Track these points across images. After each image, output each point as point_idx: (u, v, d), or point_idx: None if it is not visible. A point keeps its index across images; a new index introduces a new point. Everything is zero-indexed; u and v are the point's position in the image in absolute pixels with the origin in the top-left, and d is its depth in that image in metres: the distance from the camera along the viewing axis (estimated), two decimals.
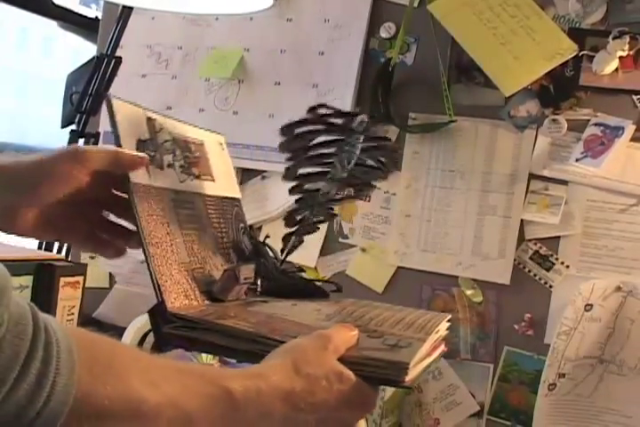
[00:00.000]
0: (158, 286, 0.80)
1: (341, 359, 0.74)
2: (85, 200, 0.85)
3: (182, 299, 0.83)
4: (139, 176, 0.85)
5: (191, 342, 0.79)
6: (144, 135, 0.90)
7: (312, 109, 1.00)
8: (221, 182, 1.05)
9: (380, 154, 1.04)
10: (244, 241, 1.00)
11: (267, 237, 1.01)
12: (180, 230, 0.89)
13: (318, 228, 1.04)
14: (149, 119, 0.93)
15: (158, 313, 0.80)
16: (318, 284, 1.03)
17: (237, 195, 1.10)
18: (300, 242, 1.03)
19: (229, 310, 0.85)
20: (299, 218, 1.03)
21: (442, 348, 0.92)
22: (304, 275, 1.06)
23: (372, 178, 1.06)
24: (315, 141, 1.01)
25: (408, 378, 0.72)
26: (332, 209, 1.04)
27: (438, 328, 0.86)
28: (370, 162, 1.04)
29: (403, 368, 0.72)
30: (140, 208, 0.83)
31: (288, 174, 1.01)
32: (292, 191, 1.03)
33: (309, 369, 0.71)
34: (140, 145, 0.88)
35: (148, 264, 0.81)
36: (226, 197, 1.06)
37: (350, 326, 0.79)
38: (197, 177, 0.98)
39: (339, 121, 1.01)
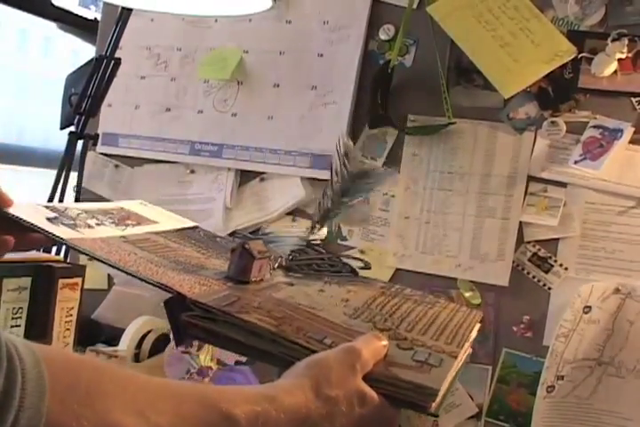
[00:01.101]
0: (163, 285, 0.76)
1: (368, 375, 0.70)
2: None
3: (199, 287, 0.79)
4: (69, 234, 0.83)
5: (210, 334, 0.74)
6: (50, 214, 0.88)
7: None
8: (167, 222, 1.02)
9: None
10: (241, 242, 0.96)
11: (264, 228, 1.00)
12: (152, 254, 0.86)
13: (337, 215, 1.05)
14: (47, 206, 0.91)
15: (176, 303, 0.75)
16: (346, 260, 1.00)
17: (193, 224, 1.07)
18: (322, 224, 1.03)
19: (254, 297, 0.81)
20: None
21: (469, 350, 0.87)
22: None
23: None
24: None
25: (435, 404, 0.70)
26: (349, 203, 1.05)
27: (470, 335, 0.83)
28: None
29: (431, 394, 0.69)
30: (92, 249, 0.81)
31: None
32: None
33: (331, 392, 0.66)
34: (53, 221, 0.86)
35: (141, 279, 0.78)
36: (183, 228, 1.03)
37: (380, 336, 0.74)
38: (137, 224, 0.96)
39: None
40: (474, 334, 0.89)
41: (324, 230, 1.06)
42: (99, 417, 0.53)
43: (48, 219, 0.86)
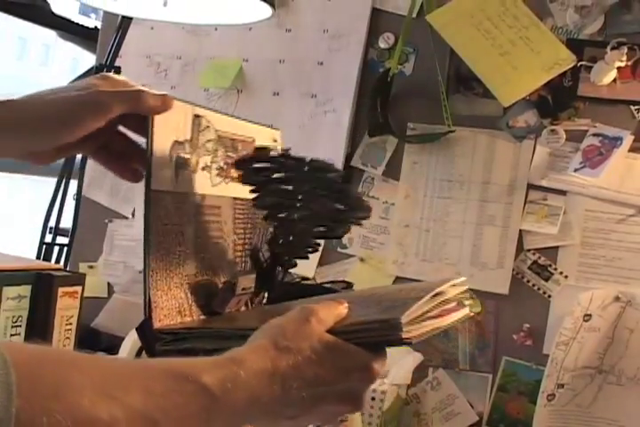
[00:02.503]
0: (149, 301, 0.77)
1: (330, 331, 0.69)
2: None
3: (174, 315, 0.80)
4: (163, 182, 0.82)
5: (184, 353, 0.75)
6: (184, 135, 0.86)
7: (261, 149, 0.96)
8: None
9: (338, 200, 0.98)
10: (263, 251, 0.95)
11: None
12: (194, 239, 0.86)
13: (307, 257, 0.98)
14: (197, 116, 0.89)
15: (146, 331, 0.77)
16: (327, 285, 0.98)
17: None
18: (294, 265, 0.97)
19: (222, 317, 0.82)
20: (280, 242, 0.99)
21: (462, 312, 0.85)
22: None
23: (340, 219, 0.97)
24: (274, 176, 0.96)
25: (408, 335, 0.68)
26: (313, 242, 0.98)
27: (440, 290, 0.80)
28: (331, 206, 0.98)
29: (396, 324, 0.67)
30: (153, 216, 0.80)
31: (260, 204, 0.94)
32: (267, 218, 0.96)
33: (291, 343, 0.66)
34: (175, 147, 0.84)
35: (145, 279, 0.78)
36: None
37: (340, 300, 0.73)
38: (233, 179, 0.94)
39: (290, 162, 0.96)
40: (453, 292, 0.85)
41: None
42: (70, 409, 0.53)
43: (175, 142, 0.84)
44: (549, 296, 1.64)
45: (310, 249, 0.97)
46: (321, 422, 0.73)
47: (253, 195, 0.93)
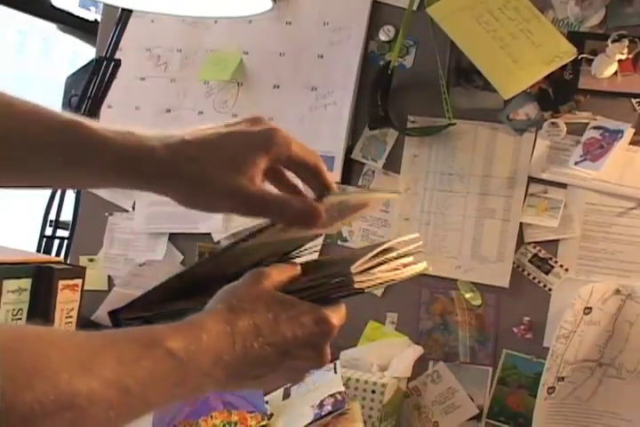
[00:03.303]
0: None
1: (283, 291, 0.70)
2: None
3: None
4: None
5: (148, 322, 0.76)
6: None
7: None
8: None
9: None
10: None
11: None
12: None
13: None
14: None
15: (116, 322, 0.77)
16: None
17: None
18: None
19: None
20: None
21: (421, 266, 0.82)
22: None
23: None
24: None
25: (360, 284, 0.70)
26: None
27: (390, 244, 0.79)
28: None
29: (345, 273, 0.69)
30: None
31: None
32: None
33: (245, 304, 0.67)
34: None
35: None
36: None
37: (293, 263, 0.75)
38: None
39: None
40: (402, 246, 0.82)
41: None
42: (52, 384, 0.54)
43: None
44: (550, 289, 1.64)
45: None
46: (287, 380, 0.75)
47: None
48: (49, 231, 1.97)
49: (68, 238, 1.99)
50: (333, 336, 0.71)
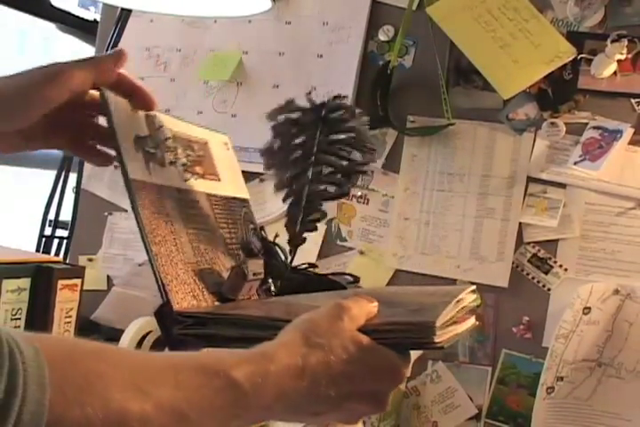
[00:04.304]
0: (163, 285, 0.77)
1: (361, 330, 0.68)
2: (67, 111, 0.82)
3: (190, 299, 0.79)
4: (138, 172, 0.82)
5: (204, 339, 0.75)
6: (142, 131, 0.87)
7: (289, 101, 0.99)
8: (228, 182, 1.02)
9: (351, 145, 1.02)
10: (254, 242, 0.96)
11: (276, 236, 0.99)
12: (184, 229, 0.86)
13: (316, 227, 1.02)
14: (148, 116, 0.90)
15: (165, 315, 0.76)
16: (333, 277, 0.99)
17: (246, 195, 1.06)
18: (303, 241, 1.00)
19: (240, 304, 0.82)
20: (297, 220, 1.01)
21: (472, 320, 0.86)
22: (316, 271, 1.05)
23: (350, 171, 1.02)
24: (293, 143, 0.99)
25: (439, 338, 0.68)
26: (321, 206, 1.01)
27: (461, 296, 0.81)
28: (343, 153, 1.01)
29: (430, 327, 0.67)
30: (140, 205, 0.80)
31: (278, 185, 0.99)
32: (285, 199, 1.00)
33: (323, 340, 0.66)
34: (139, 141, 0.85)
35: (152, 263, 0.77)
36: (234, 198, 1.02)
37: (370, 298, 0.73)
38: (202, 176, 0.95)
39: (307, 118, 0.99)
40: (470, 299, 0.87)
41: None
42: (102, 401, 0.53)
43: (137, 137, 0.85)
44: (549, 289, 1.64)
45: (318, 218, 1.00)
46: (344, 420, 0.73)
47: (226, 192, 0.96)
48: (48, 231, 1.97)
49: (67, 238, 1.99)
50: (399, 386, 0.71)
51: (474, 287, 0.90)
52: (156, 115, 0.91)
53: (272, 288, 0.95)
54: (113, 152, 0.85)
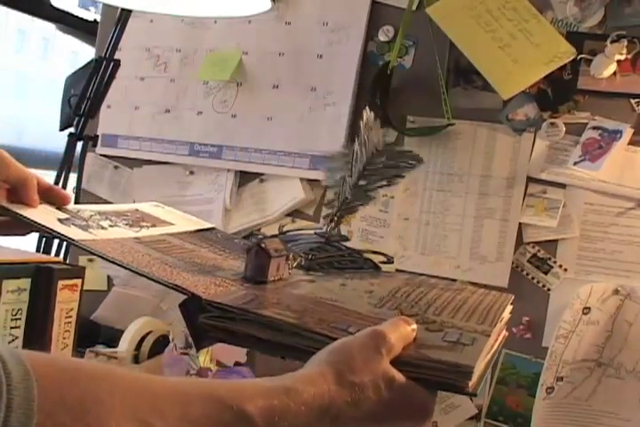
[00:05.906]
0: (178, 286, 0.73)
1: (396, 359, 0.65)
2: None
3: (214, 287, 0.76)
4: (81, 235, 0.82)
5: (230, 334, 0.71)
6: (62, 216, 0.88)
7: None
8: (183, 224, 1.00)
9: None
10: (257, 241, 0.92)
11: (282, 226, 1.00)
12: (168, 256, 0.84)
13: (357, 209, 1.10)
14: (60, 208, 0.91)
15: (191, 304, 0.72)
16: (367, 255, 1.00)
17: (210, 225, 1.05)
18: (342, 217, 1.07)
19: (272, 294, 0.78)
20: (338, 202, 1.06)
21: (504, 333, 0.83)
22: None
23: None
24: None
25: (471, 383, 0.65)
26: (371, 193, 1.08)
27: (503, 316, 0.78)
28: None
29: (467, 372, 0.64)
30: (109, 254, 0.79)
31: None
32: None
33: (355, 378, 0.62)
34: (64, 222, 0.85)
35: (152, 279, 0.75)
36: (199, 230, 1.01)
37: (408, 320, 0.69)
38: (153, 226, 0.94)
39: None
40: (506, 315, 0.85)
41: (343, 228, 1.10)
42: None
43: (60, 220, 0.85)
44: (549, 289, 1.64)
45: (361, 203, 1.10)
46: None
47: (189, 228, 0.99)
48: None
49: None
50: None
51: (512, 299, 0.88)
52: (67, 208, 0.91)
53: (303, 263, 0.93)
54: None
